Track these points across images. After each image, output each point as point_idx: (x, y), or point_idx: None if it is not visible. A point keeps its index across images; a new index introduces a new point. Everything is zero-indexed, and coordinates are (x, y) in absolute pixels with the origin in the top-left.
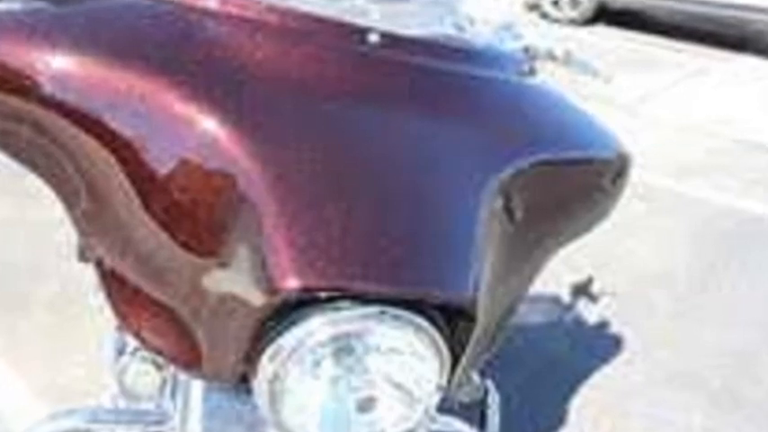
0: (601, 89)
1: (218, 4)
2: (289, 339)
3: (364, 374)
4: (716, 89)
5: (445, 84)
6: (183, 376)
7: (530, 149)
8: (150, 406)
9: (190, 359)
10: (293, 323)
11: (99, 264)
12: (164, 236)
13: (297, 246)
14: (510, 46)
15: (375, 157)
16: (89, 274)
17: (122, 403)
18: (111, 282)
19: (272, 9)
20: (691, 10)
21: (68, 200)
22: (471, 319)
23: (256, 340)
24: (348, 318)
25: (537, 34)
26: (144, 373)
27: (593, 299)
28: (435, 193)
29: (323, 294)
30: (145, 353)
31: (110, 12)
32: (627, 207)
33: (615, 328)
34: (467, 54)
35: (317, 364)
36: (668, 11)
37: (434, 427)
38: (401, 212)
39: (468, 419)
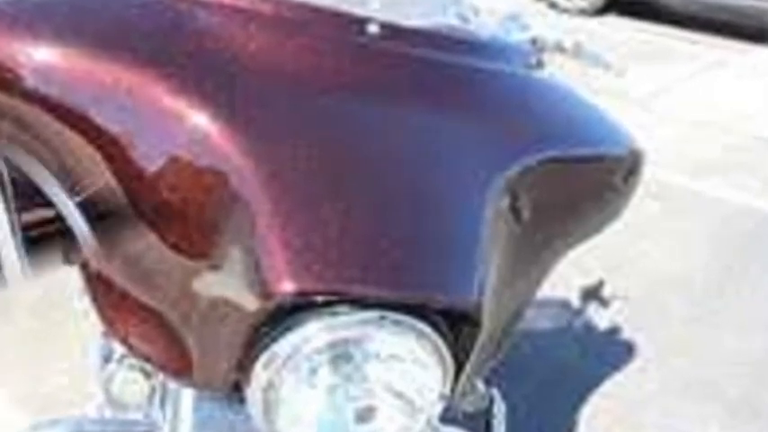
0: (612, 83)
1: None
2: (284, 346)
3: (363, 383)
4: (733, 83)
5: (448, 77)
6: (172, 385)
7: (537, 146)
8: (138, 416)
9: (180, 367)
10: (288, 329)
11: (84, 266)
12: (152, 237)
13: (292, 247)
14: (516, 37)
15: (374, 154)
16: (74, 277)
17: (109, 413)
18: (97, 285)
19: None
20: None
21: None
22: (476, 324)
23: (250, 347)
24: (346, 323)
25: (545, 25)
26: (131, 382)
27: (604, 303)
28: (438, 192)
29: (320, 299)
30: (132, 360)
31: (95, 0)
32: (640, 207)
33: (628, 334)
34: (471, 46)
35: (313, 371)
36: (683, 0)
37: None
38: (402, 212)
39: (472, 430)
